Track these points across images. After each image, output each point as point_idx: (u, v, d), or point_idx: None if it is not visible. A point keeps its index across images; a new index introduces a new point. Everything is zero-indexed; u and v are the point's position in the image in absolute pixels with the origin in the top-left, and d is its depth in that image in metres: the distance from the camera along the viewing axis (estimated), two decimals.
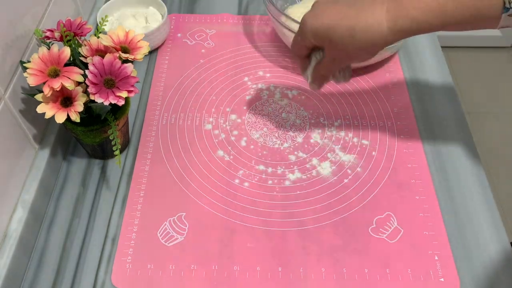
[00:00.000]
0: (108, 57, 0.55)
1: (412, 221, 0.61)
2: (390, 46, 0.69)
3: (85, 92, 0.55)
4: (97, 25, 0.65)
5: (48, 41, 0.59)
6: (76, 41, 0.58)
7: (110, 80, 0.55)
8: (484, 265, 0.57)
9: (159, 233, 0.60)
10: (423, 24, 0.48)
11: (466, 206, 0.62)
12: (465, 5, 0.46)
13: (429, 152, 0.68)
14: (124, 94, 0.55)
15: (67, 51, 0.54)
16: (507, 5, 0.45)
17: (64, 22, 0.59)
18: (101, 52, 0.58)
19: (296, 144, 0.69)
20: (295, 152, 0.68)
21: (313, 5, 0.54)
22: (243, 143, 0.69)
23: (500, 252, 0.58)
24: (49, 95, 0.52)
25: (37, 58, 0.54)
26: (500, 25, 0.48)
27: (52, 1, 0.67)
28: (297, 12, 0.79)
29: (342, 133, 0.70)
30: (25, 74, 0.53)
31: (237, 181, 0.64)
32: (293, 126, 0.71)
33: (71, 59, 0.57)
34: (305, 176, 0.65)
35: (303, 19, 0.53)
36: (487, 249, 0.58)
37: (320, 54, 0.57)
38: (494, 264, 0.57)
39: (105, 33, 0.61)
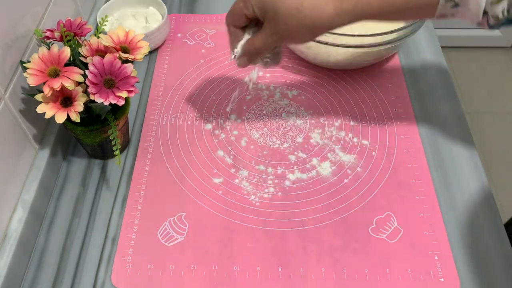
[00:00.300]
0: (108, 57, 0.55)
1: (412, 221, 0.61)
2: (390, 45, 0.69)
3: (85, 92, 0.55)
4: (97, 25, 0.65)
5: (48, 41, 0.59)
6: (76, 41, 0.58)
7: (110, 80, 0.55)
8: (484, 265, 0.57)
9: (159, 233, 0.60)
10: (366, 6, 0.48)
11: (466, 206, 0.62)
12: None
13: (429, 152, 0.68)
14: (124, 94, 0.55)
15: (67, 51, 0.54)
16: None
17: (64, 22, 0.59)
18: (101, 52, 0.58)
19: (296, 144, 0.69)
20: (295, 152, 0.68)
21: None
22: (243, 143, 0.69)
23: (500, 252, 0.58)
24: (49, 95, 0.53)
25: (37, 58, 0.54)
26: (438, 12, 0.48)
27: (52, 1, 0.67)
28: None
29: (342, 133, 0.70)
30: (25, 74, 0.53)
31: (237, 181, 0.64)
32: (293, 126, 0.71)
33: (71, 59, 0.57)
34: (305, 176, 0.65)
35: None
36: (487, 249, 0.58)
37: (256, 30, 0.54)
38: (494, 264, 0.57)
39: (105, 33, 0.61)
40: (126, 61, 0.57)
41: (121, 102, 0.55)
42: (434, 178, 0.65)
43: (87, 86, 0.54)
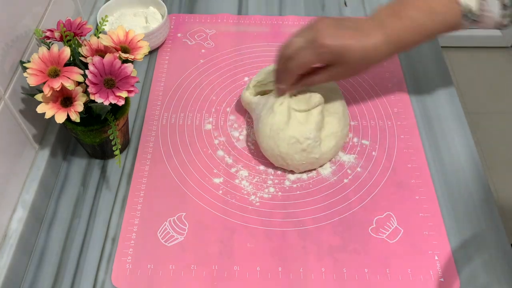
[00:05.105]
0: (108, 57, 0.55)
1: (412, 221, 0.61)
2: None
3: (85, 92, 0.55)
4: (97, 25, 0.65)
5: (48, 41, 0.59)
6: (76, 41, 0.58)
7: (110, 80, 0.55)
8: (484, 265, 0.57)
9: (159, 233, 0.60)
10: (401, 40, 0.60)
11: (466, 206, 0.62)
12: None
13: (429, 152, 0.68)
14: (124, 94, 0.55)
15: (67, 51, 0.54)
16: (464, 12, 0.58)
17: (64, 22, 0.59)
18: (101, 52, 0.58)
19: None
20: None
21: (318, 26, 0.58)
22: (243, 143, 0.69)
23: (500, 253, 0.58)
24: (49, 95, 0.53)
25: (37, 58, 0.54)
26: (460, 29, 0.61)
27: (52, 1, 0.67)
28: None
29: None
30: (25, 74, 0.53)
31: (237, 181, 0.64)
32: None
33: (71, 59, 0.57)
34: (305, 176, 0.65)
35: (319, 38, 0.57)
36: (487, 249, 0.58)
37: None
38: (493, 264, 0.57)
39: (105, 33, 0.61)
40: (126, 61, 0.57)
41: (121, 102, 0.55)
42: (434, 178, 0.65)
43: (87, 86, 0.54)
